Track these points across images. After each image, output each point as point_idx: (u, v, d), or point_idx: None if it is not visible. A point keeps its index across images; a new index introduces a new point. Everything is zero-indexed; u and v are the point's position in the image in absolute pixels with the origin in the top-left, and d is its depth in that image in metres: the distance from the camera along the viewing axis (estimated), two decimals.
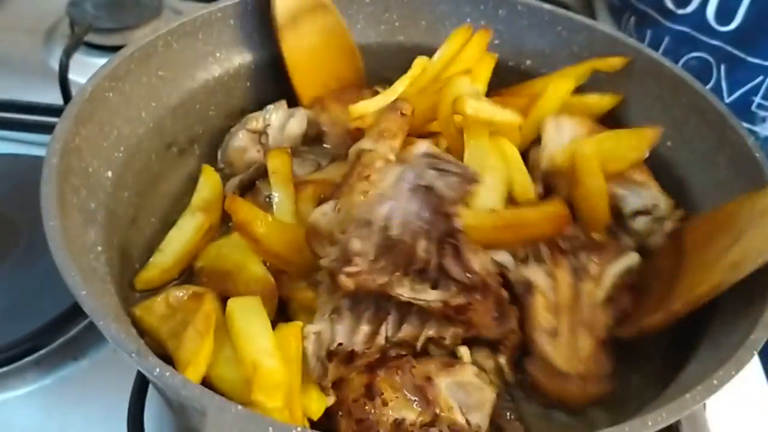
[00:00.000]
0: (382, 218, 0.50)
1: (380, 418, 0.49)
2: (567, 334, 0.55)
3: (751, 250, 0.50)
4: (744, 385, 0.72)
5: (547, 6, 0.75)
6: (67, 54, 0.86)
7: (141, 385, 0.58)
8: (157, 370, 0.42)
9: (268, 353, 0.48)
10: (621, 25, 1.04)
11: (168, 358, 0.50)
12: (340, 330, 0.50)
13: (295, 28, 0.72)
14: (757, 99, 0.89)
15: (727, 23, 0.88)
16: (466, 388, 0.52)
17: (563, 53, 0.75)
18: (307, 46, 0.73)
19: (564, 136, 0.64)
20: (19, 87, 0.91)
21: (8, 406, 0.62)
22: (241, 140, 0.72)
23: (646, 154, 0.63)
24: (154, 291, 0.59)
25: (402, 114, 0.58)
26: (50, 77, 0.89)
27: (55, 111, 0.84)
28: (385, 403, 0.49)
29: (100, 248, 0.54)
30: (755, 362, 0.75)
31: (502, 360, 0.55)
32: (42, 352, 0.64)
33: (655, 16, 0.95)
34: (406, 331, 0.52)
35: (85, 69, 0.87)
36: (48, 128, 0.81)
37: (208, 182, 0.68)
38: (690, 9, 0.90)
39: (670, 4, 0.92)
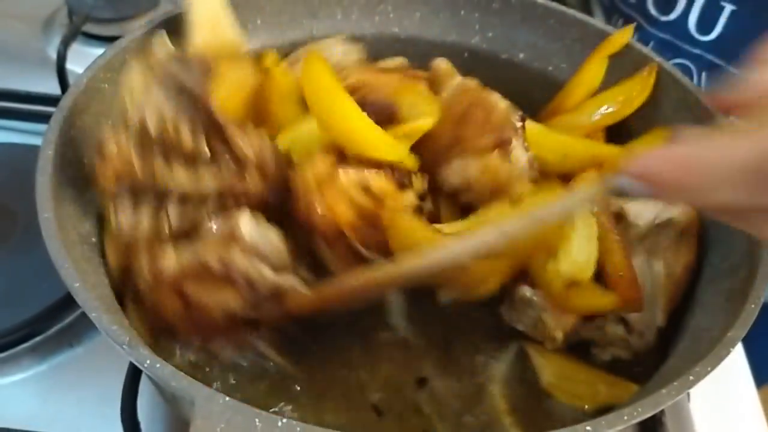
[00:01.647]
0: (138, 121, 0.53)
1: (212, 320, 0.52)
2: None
3: None
4: (728, 377, 0.73)
5: (540, 0, 0.76)
6: (65, 44, 0.86)
7: (134, 372, 0.59)
8: (148, 361, 0.43)
9: None
10: (611, 26, 1.05)
11: None
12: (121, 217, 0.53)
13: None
14: None
15: (708, 33, 0.88)
16: (257, 245, 0.53)
17: (555, 46, 0.75)
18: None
19: None
20: (17, 76, 0.92)
21: (5, 391, 0.64)
22: None
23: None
24: None
25: None
26: (48, 66, 0.89)
27: (53, 100, 0.84)
28: (206, 309, 0.51)
29: (94, 239, 0.55)
30: (740, 353, 0.76)
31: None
32: (38, 338, 0.65)
33: (640, 22, 0.96)
34: (186, 215, 0.54)
35: (82, 59, 0.87)
36: (46, 117, 0.81)
37: None
38: (672, 17, 0.91)
39: (653, 11, 0.93)
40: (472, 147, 0.61)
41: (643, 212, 0.58)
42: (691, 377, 0.44)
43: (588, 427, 0.41)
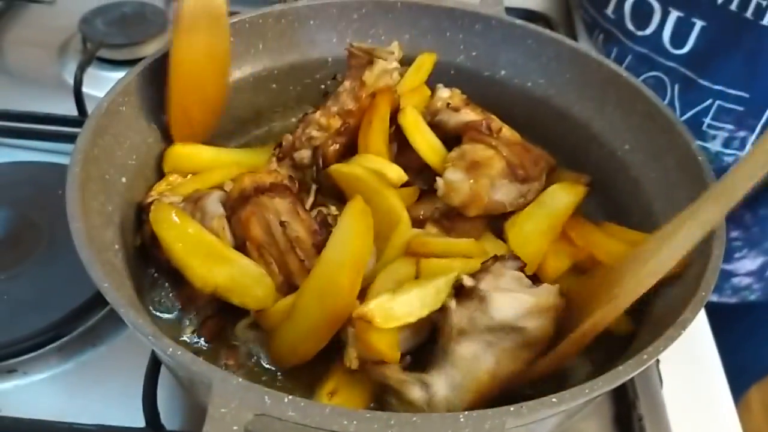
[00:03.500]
0: None
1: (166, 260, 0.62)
2: None
3: (629, 290, 0.56)
4: (699, 364, 0.79)
5: (518, 21, 0.82)
6: (82, 69, 0.92)
7: (153, 367, 0.65)
8: (170, 349, 0.49)
9: None
10: (592, 40, 1.11)
11: None
12: None
13: (192, 34, 0.70)
14: (708, 120, 0.96)
15: (681, 47, 0.95)
16: (206, 219, 0.64)
17: (534, 64, 0.81)
18: (193, 56, 0.71)
19: None
20: (36, 99, 0.98)
21: (36, 387, 0.69)
22: None
23: None
24: None
25: None
26: (64, 89, 0.95)
27: (71, 122, 0.90)
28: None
29: (117, 246, 0.61)
30: (712, 349, 0.82)
31: None
32: (64, 339, 0.71)
33: (619, 36, 1.02)
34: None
35: (95, 81, 0.95)
36: (65, 137, 0.88)
37: None
38: (648, 32, 0.97)
39: (630, 26, 1.00)
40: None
41: (505, 308, 0.56)
42: (644, 356, 0.50)
43: (554, 399, 0.47)
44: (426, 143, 0.73)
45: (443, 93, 0.78)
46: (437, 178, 0.69)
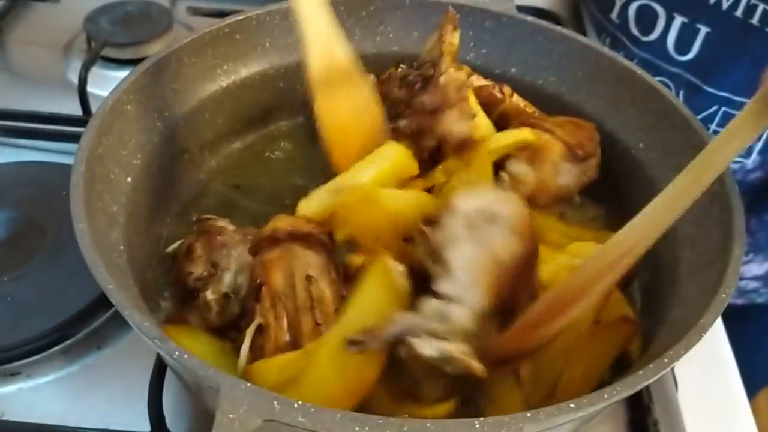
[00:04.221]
0: None
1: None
2: None
3: None
4: (714, 367, 0.78)
5: (529, 18, 0.81)
6: (86, 68, 0.92)
7: (159, 370, 0.63)
8: (176, 353, 0.47)
9: None
10: (600, 42, 1.10)
11: None
12: None
13: (329, 94, 0.71)
14: (713, 126, 0.96)
15: (685, 53, 0.94)
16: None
17: (544, 61, 0.80)
18: (340, 117, 0.71)
19: None
20: (40, 98, 0.97)
21: (40, 390, 0.68)
22: None
23: None
24: None
25: None
26: (68, 89, 0.95)
27: (75, 121, 0.89)
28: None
29: (122, 247, 0.60)
30: (726, 349, 0.80)
31: None
32: (68, 342, 0.70)
33: (624, 41, 1.01)
34: None
35: (100, 81, 0.95)
36: (69, 137, 0.87)
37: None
38: (652, 37, 0.97)
39: (635, 32, 0.99)
40: None
41: (468, 200, 0.55)
42: (665, 360, 0.48)
43: (572, 404, 0.45)
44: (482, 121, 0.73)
45: None
46: (501, 173, 0.68)
